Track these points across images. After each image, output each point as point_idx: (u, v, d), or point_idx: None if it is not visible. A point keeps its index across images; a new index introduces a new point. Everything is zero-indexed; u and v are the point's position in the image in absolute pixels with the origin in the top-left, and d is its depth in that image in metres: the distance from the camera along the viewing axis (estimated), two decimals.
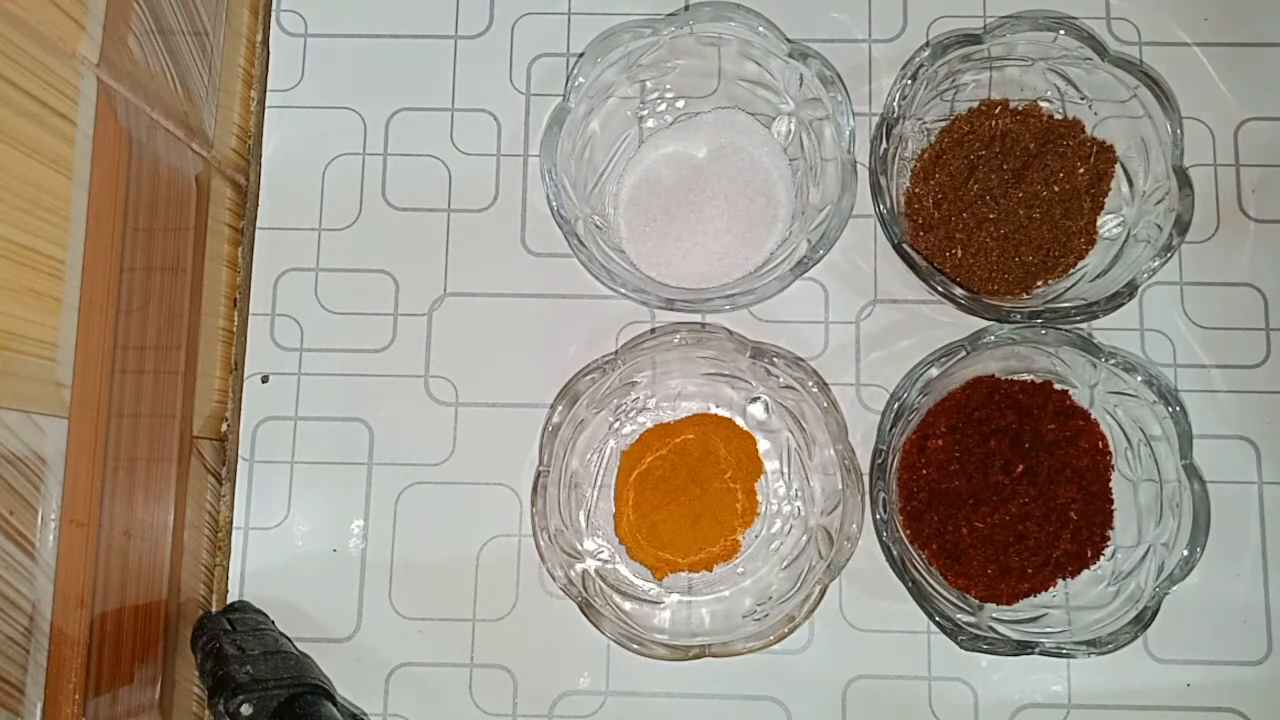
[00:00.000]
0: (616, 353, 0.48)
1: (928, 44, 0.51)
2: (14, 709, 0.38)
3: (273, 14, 0.54)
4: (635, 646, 0.45)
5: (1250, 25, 0.52)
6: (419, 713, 0.49)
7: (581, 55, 0.51)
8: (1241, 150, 0.51)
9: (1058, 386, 0.48)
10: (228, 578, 0.50)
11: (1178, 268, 0.51)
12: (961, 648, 0.45)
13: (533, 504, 0.47)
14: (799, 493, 0.50)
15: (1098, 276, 0.48)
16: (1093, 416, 0.48)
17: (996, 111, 0.50)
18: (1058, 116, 0.50)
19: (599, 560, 0.49)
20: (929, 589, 0.46)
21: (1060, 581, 0.47)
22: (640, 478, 0.50)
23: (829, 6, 0.53)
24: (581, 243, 0.48)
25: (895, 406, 0.47)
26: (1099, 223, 0.49)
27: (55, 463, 0.39)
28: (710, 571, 0.49)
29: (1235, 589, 0.49)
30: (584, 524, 0.50)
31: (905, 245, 0.47)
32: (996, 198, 0.49)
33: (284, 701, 0.43)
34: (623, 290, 0.47)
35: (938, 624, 0.45)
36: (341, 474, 0.51)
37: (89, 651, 0.41)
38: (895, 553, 0.45)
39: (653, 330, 0.51)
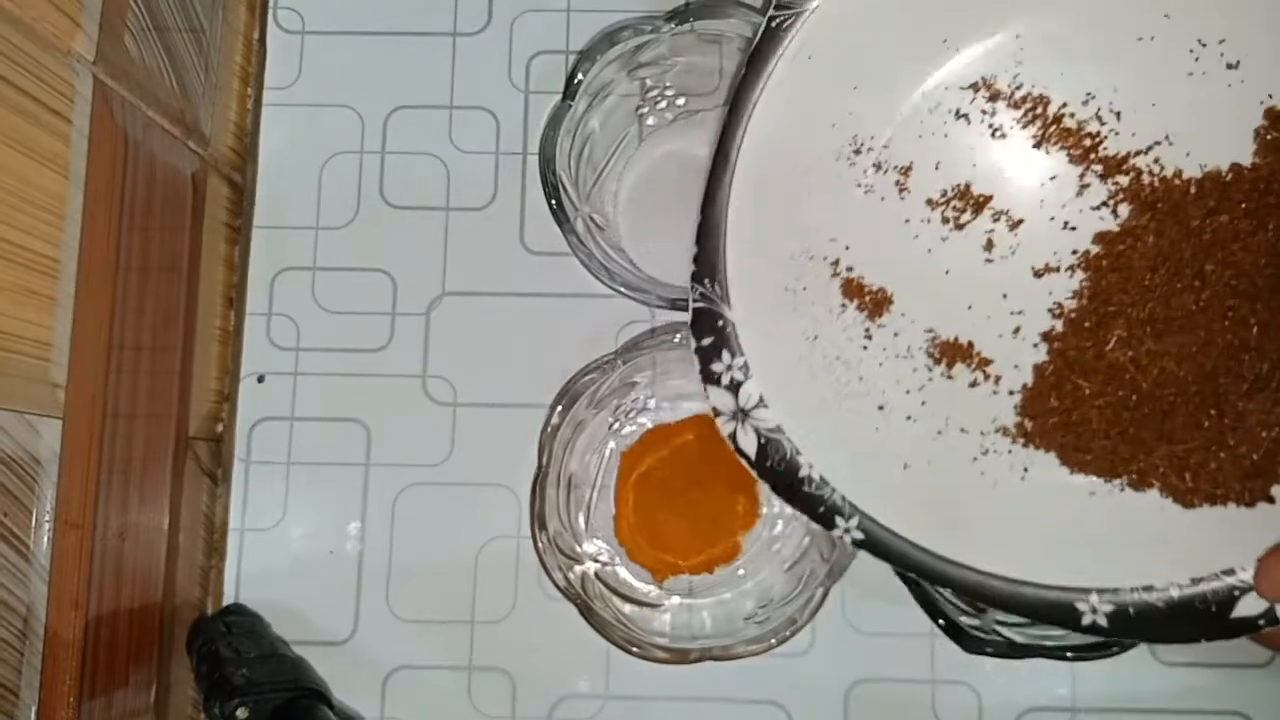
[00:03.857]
0: (616, 353, 0.48)
1: None
2: (9, 712, 0.38)
3: (270, 11, 0.53)
4: (635, 649, 0.45)
5: None
6: (416, 716, 0.49)
7: (581, 52, 0.50)
8: None
9: None
10: (223, 580, 0.50)
11: None
12: (965, 650, 0.44)
13: (531, 505, 0.47)
14: None
15: None
16: None
17: None
18: None
19: (598, 562, 0.49)
20: (931, 591, 0.45)
21: None
22: (640, 479, 0.49)
23: None
24: (581, 242, 0.47)
25: None
26: None
27: (50, 464, 0.39)
28: (711, 574, 0.49)
29: None
30: (583, 526, 0.49)
31: None
32: None
33: (280, 705, 0.43)
34: (623, 290, 0.47)
35: (941, 627, 0.45)
36: (338, 475, 0.50)
37: (84, 654, 0.41)
38: None
39: (653, 330, 0.51)
